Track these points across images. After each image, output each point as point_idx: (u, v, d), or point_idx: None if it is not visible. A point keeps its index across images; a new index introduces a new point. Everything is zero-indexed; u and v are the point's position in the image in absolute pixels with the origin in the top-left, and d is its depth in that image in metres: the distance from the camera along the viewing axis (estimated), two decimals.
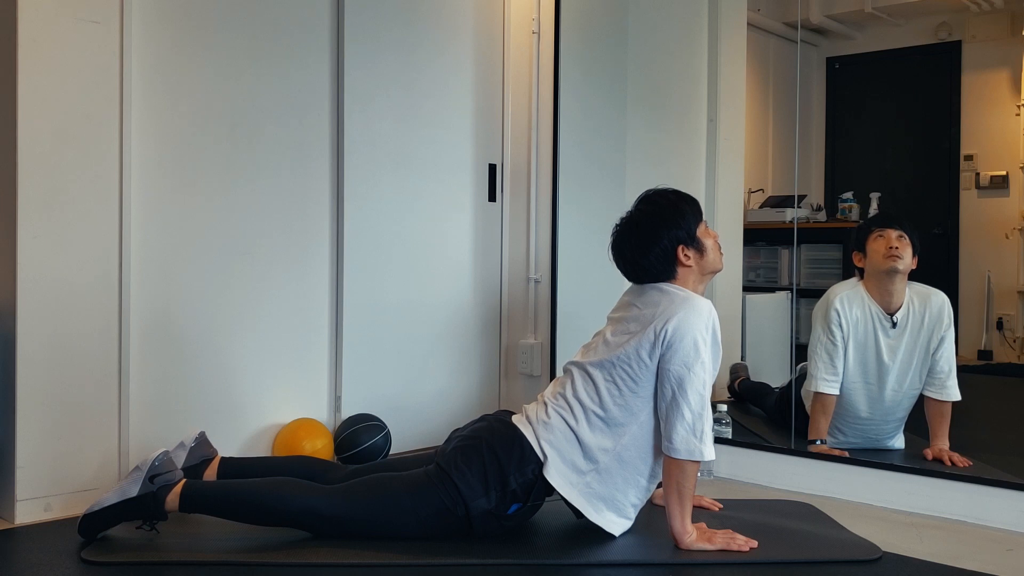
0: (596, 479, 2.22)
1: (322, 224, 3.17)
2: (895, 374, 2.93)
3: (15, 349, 2.44)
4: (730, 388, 3.59)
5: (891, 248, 2.89)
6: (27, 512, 2.45)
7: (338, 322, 3.20)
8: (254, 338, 2.98)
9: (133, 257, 2.67)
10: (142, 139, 2.69)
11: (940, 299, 2.91)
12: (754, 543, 2.17)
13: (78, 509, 2.52)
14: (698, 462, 2.16)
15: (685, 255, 2.29)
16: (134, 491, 2.19)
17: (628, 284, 2.45)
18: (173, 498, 2.20)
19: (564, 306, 3.54)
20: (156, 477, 2.21)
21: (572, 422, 2.23)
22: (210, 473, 2.45)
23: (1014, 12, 3.35)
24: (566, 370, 2.34)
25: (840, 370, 2.94)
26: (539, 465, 2.20)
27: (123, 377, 2.63)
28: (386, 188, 3.34)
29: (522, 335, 3.74)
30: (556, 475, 2.20)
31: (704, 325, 2.19)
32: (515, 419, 2.30)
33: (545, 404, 2.29)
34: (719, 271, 2.36)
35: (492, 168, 3.72)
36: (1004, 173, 3.32)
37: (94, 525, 2.20)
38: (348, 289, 3.20)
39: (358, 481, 2.26)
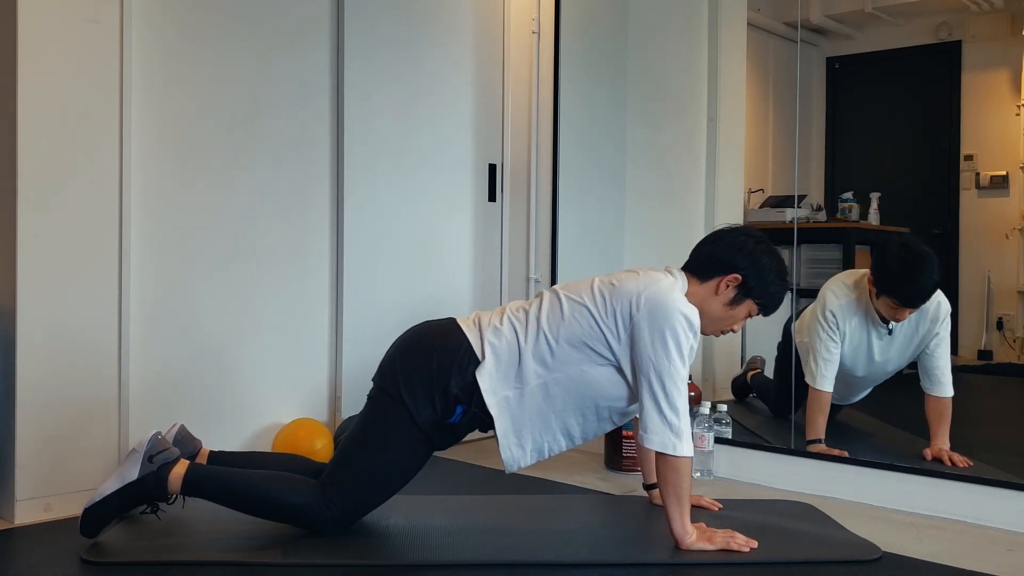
0: (517, 398, 2.17)
1: (322, 223, 3.17)
2: (881, 367, 2.99)
3: (15, 349, 2.44)
4: (740, 380, 3.59)
5: (898, 317, 2.87)
6: (27, 512, 2.45)
7: (338, 322, 3.20)
8: (254, 338, 2.98)
9: (133, 257, 2.67)
10: (142, 138, 2.69)
11: (936, 299, 2.90)
12: (754, 543, 2.17)
13: (78, 509, 2.51)
14: (688, 459, 2.13)
15: (726, 286, 2.22)
16: (134, 473, 2.15)
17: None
18: (175, 479, 2.17)
19: None
20: (155, 456, 2.17)
21: (522, 339, 2.18)
22: None
23: (1014, 12, 3.35)
24: (539, 294, 2.31)
25: (836, 367, 2.96)
26: (477, 365, 2.17)
27: (123, 377, 2.63)
28: (386, 188, 3.34)
29: None
30: (486, 378, 2.15)
31: (688, 321, 2.14)
32: (460, 321, 2.27)
33: (503, 314, 2.26)
34: (709, 334, 2.29)
35: (492, 168, 3.72)
36: (1004, 173, 3.32)
37: (96, 520, 2.15)
38: (348, 288, 3.20)
39: (329, 472, 2.23)
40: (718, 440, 3.04)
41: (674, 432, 2.10)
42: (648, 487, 2.58)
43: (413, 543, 2.21)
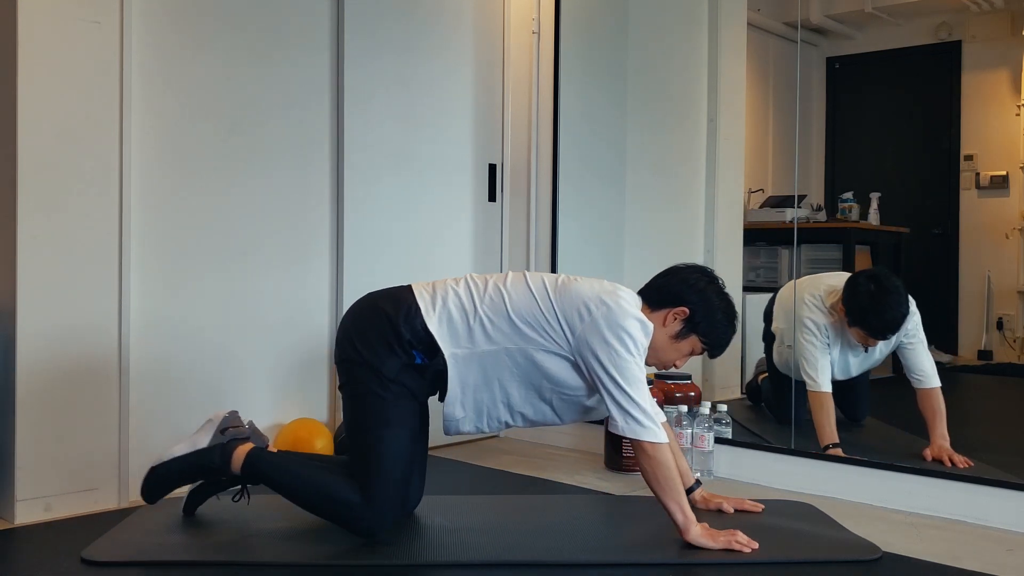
0: (466, 357, 2.19)
1: (322, 223, 3.17)
2: (852, 374, 3.09)
3: (15, 349, 2.44)
4: (752, 384, 3.59)
5: (869, 344, 2.97)
6: (27, 512, 2.45)
7: (338, 321, 3.20)
8: (254, 338, 2.98)
9: (133, 257, 2.67)
10: (142, 139, 2.69)
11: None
12: (755, 544, 2.17)
13: (78, 509, 2.53)
14: (662, 444, 2.13)
15: (674, 318, 2.27)
16: (205, 441, 2.22)
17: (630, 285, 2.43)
18: (239, 456, 2.21)
19: None
20: (227, 430, 2.22)
21: (477, 303, 2.21)
22: None
23: (1014, 12, 3.35)
24: (506, 273, 2.33)
25: (830, 367, 3.01)
26: (425, 319, 2.18)
27: (123, 377, 2.63)
28: (386, 188, 3.34)
29: None
30: (437, 333, 2.17)
31: (641, 324, 2.17)
32: (415, 284, 2.31)
33: (463, 279, 2.29)
34: (652, 365, 2.31)
35: (492, 168, 3.72)
36: (1004, 173, 3.32)
37: (158, 482, 2.21)
38: (348, 288, 3.20)
39: (352, 470, 2.22)
40: (718, 440, 3.04)
41: (637, 421, 2.13)
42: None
43: (413, 543, 2.21)
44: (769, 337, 3.35)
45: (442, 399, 2.24)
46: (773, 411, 3.40)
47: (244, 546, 2.17)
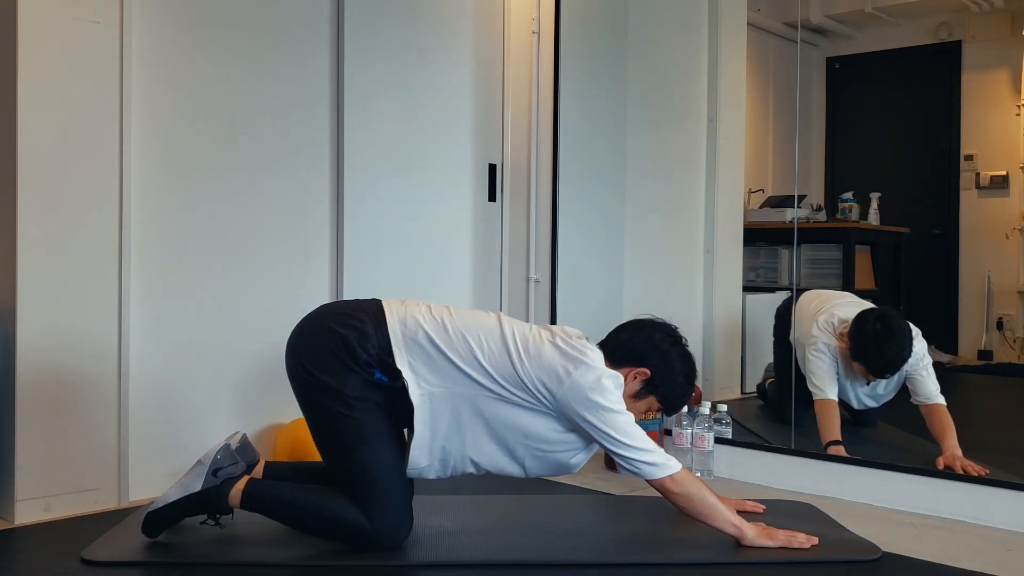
0: (442, 397, 2.11)
1: (322, 223, 3.17)
2: (866, 404, 3.11)
3: (15, 349, 2.44)
4: (761, 387, 3.59)
5: (870, 380, 3.00)
6: (27, 512, 2.45)
7: None
8: (254, 338, 2.98)
9: (133, 257, 2.67)
10: (142, 139, 2.69)
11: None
12: (815, 539, 2.18)
13: (78, 509, 2.53)
14: (681, 470, 2.13)
15: (634, 377, 2.24)
16: (197, 485, 2.17)
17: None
18: (236, 494, 2.17)
19: (564, 306, 3.54)
20: (219, 471, 2.19)
21: (456, 348, 2.12)
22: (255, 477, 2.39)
23: (1014, 12, 3.35)
24: (487, 312, 2.26)
25: (836, 379, 3.02)
26: (385, 344, 2.11)
27: (123, 377, 2.63)
28: (386, 188, 3.34)
29: None
30: (407, 366, 2.11)
31: (613, 378, 2.14)
32: (385, 303, 2.21)
33: (428, 307, 2.20)
34: None
35: (492, 168, 3.72)
36: (1004, 173, 3.32)
37: (157, 524, 2.18)
38: (348, 289, 3.20)
39: (350, 494, 2.15)
40: (718, 440, 3.04)
41: (648, 463, 2.12)
42: None
43: (413, 543, 2.20)
44: (781, 337, 3.33)
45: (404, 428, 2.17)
46: (779, 415, 3.40)
47: (244, 546, 2.17)
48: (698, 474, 2.96)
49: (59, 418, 2.51)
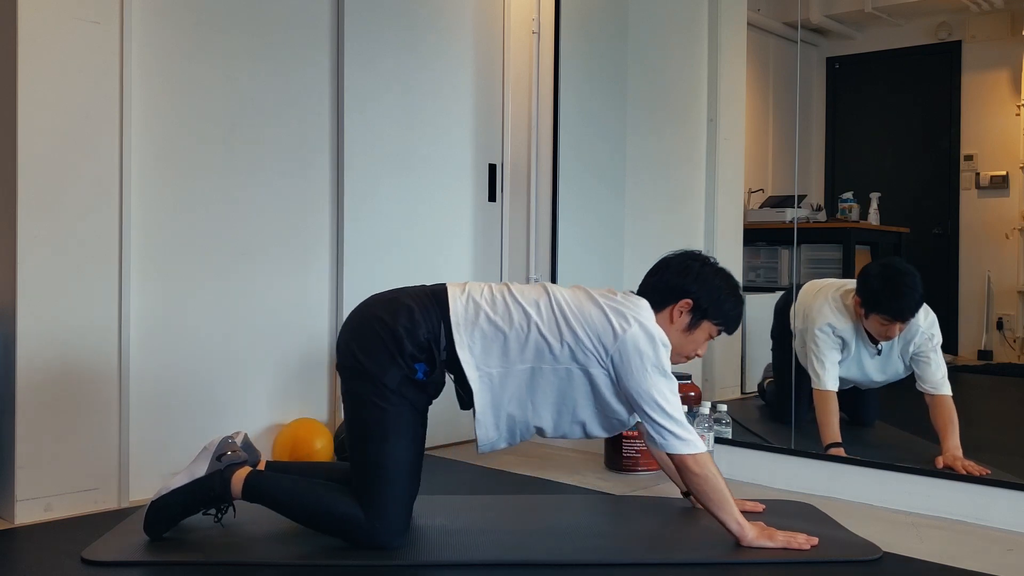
0: (501, 377, 2.16)
1: (322, 223, 3.17)
2: (875, 380, 3.05)
3: (15, 349, 2.44)
4: (760, 386, 3.59)
5: (889, 335, 2.92)
6: (27, 512, 2.45)
7: (338, 322, 3.20)
8: (254, 337, 2.98)
9: (133, 257, 2.67)
10: (142, 139, 2.69)
11: (920, 316, 2.90)
12: (815, 540, 2.18)
13: (78, 509, 2.53)
14: (705, 454, 2.15)
15: (679, 312, 2.25)
16: (203, 470, 2.21)
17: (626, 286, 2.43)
18: (238, 482, 2.19)
19: None
20: (223, 456, 2.22)
21: (519, 323, 2.15)
22: None
23: (1014, 12, 3.35)
24: (541, 286, 2.27)
25: (838, 368, 2.98)
26: (437, 330, 2.14)
27: (123, 377, 2.63)
28: (386, 188, 3.34)
29: None
30: (466, 350, 2.13)
31: (661, 340, 2.16)
32: (449, 287, 2.24)
33: (500, 293, 2.22)
34: (675, 363, 2.28)
35: (492, 168, 3.72)
36: (1004, 173, 3.32)
37: (161, 515, 2.18)
38: (348, 289, 3.20)
39: (353, 483, 2.19)
40: (718, 440, 3.04)
41: (676, 435, 2.14)
42: (685, 494, 2.56)
43: (413, 543, 2.20)
44: (780, 334, 3.32)
45: (463, 406, 2.21)
46: (778, 415, 3.39)
47: (244, 546, 2.17)
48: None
49: (59, 418, 2.51)
